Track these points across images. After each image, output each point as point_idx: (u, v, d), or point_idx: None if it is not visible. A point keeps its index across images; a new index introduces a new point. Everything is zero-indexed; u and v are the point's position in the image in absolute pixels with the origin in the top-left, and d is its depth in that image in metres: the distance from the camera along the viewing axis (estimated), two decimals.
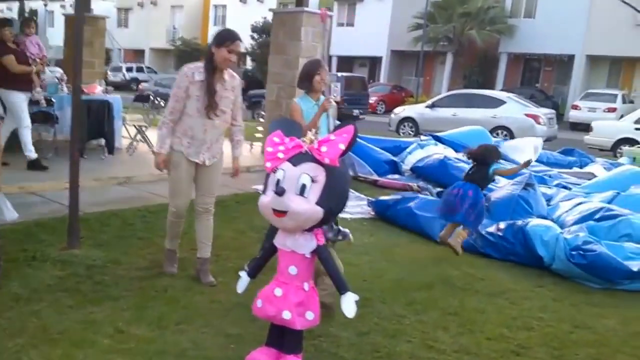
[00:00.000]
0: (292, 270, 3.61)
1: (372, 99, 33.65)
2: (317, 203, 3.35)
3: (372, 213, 8.25)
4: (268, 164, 3.47)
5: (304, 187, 3.33)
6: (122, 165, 9.67)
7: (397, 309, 5.01)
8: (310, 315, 3.65)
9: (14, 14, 35.20)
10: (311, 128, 3.59)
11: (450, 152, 11.00)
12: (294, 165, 3.38)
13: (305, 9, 11.25)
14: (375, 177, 10.55)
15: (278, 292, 3.64)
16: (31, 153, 8.89)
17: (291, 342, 3.72)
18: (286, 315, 3.57)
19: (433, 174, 9.93)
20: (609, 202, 7.48)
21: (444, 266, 6.29)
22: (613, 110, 26.92)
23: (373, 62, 45.04)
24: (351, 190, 9.31)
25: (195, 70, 5.01)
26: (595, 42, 32.29)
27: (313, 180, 3.34)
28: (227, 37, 4.99)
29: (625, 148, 15.91)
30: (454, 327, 4.74)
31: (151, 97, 13.38)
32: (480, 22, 35.95)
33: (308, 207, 3.33)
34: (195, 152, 5.14)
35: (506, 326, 4.84)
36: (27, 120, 8.85)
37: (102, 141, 10.31)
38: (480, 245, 6.74)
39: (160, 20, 51.97)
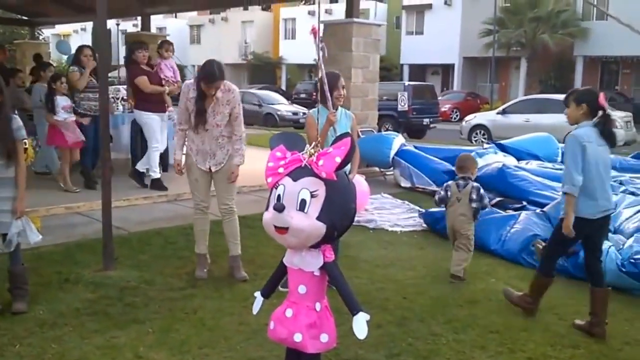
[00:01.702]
0: (302, 289, 3.41)
1: (446, 107, 33.24)
2: (318, 218, 3.15)
3: (424, 225, 7.96)
4: (269, 179, 3.30)
5: (303, 202, 3.15)
6: (174, 182, 9.56)
7: (435, 328, 4.73)
8: (324, 338, 3.43)
9: (87, 34, 36.10)
10: (319, 142, 3.39)
11: (510, 160, 10.53)
12: (294, 180, 3.20)
13: (355, 19, 11.11)
14: (433, 187, 10.22)
15: (289, 313, 3.45)
16: (155, 173, 9.23)
17: None
18: (297, 337, 3.37)
19: (491, 183, 9.45)
20: None
21: (492, 281, 5.95)
22: None
23: (445, 70, 44.61)
24: (405, 201, 9.25)
25: (191, 86, 5.54)
26: None
27: (312, 195, 3.15)
28: (203, 79, 5.39)
29: None
30: (493, 347, 4.44)
31: None
32: (552, 26, 35.25)
33: (308, 222, 3.14)
34: (201, 160, 5.64)
35: (550, 344, 4.49)
36: (156, 142, 9.14)
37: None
38: (534, 259, 6.36)
39: (231, 36, 52.68)
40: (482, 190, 5.94)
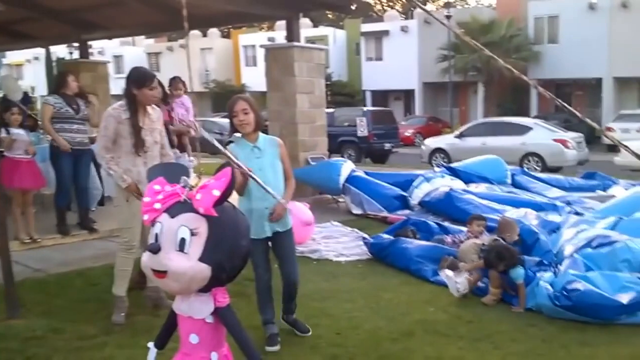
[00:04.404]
0: (194, 338, 3.01)
1: (409, 132, 33.48)
2: (201, 259, 2.77)
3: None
4: (145, 217, 2.91)
5: (183, 241, 2.76)
6: (109, 218, 8.92)
7: None
8: None
9: (40, 62, 34.71)
10: (202, 172, 3.03)
11: (457, 184, 10.36)
12: (172, 216, 2.82)
13: (296, 43, 10.79)
14: (385, 213, 9.93)
15: None
16: None
17: None
18: None
19: (440, 207, 9.34)
20: (612, 228, 6.71)
21: (430, 310, 5.62)
22: None
23: (407, 95, 44.72)
24: (354, 229, 8.89)
25: (121, 110, 5.23)
26: (620, 65, 32.01)
27: (193, 233, 2.77)
28: (146, 78, 5.24)
29: None
30: None
31: None
32: (505, 51, 35.35)
33: (189, 264, 2.76)
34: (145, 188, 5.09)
35: None
36: None
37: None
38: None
39: (191, 64, 51.94)
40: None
